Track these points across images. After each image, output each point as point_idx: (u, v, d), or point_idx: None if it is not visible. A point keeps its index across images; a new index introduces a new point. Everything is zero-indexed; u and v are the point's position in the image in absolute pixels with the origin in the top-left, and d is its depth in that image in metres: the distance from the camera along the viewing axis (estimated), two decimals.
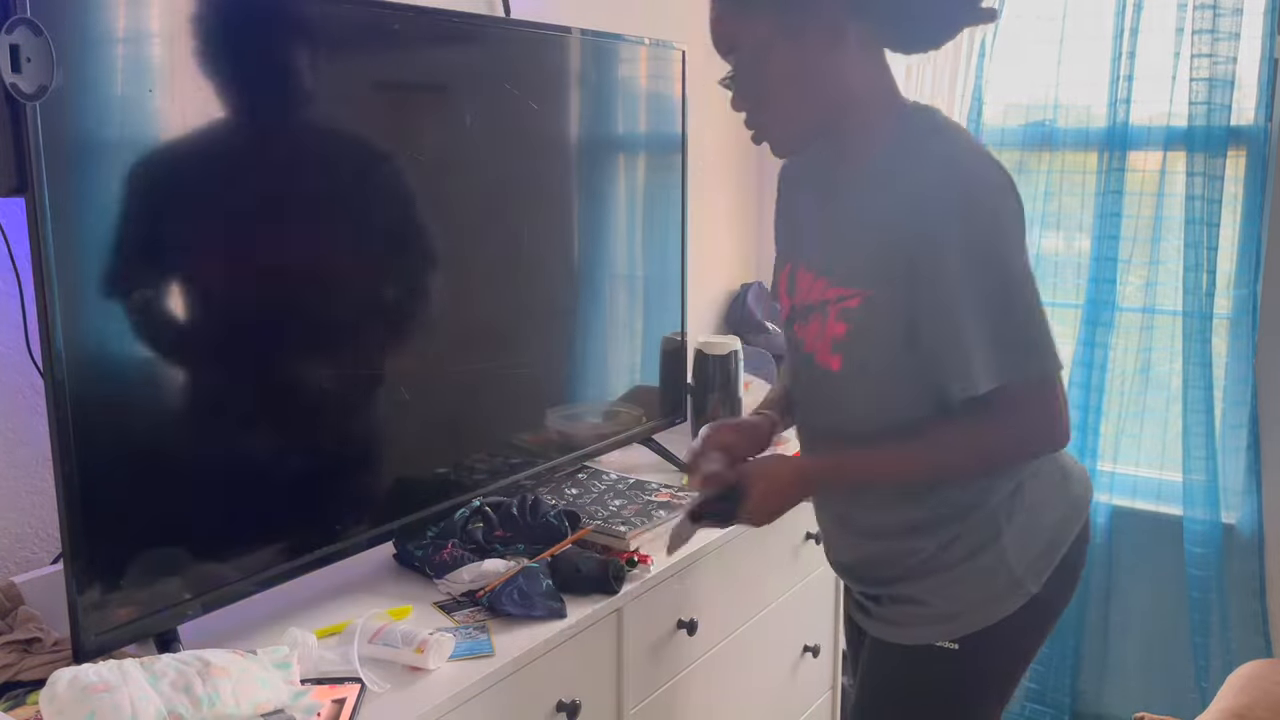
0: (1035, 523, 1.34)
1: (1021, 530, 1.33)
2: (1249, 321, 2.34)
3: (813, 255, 1.36)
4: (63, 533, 1.19)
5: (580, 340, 2.01)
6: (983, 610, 1.33)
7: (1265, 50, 2.26)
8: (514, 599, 1.49)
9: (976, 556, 1.32)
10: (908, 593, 1.37)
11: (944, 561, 1.33)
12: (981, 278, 1.20)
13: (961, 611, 1.33)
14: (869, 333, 1.27)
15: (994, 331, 1.21)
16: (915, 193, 1.22)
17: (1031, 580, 1.33)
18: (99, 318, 1.22)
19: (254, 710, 1.16)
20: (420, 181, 1.63)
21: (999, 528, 1.32)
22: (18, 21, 1.09)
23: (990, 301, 1.21)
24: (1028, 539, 1.33)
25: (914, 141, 1.26)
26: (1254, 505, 2.38)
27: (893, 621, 1.39)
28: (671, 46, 2.12)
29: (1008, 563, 1.32)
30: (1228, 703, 1.83)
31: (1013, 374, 1.22)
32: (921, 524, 1.34)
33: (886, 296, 1.25)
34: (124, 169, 1.23)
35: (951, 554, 1.33)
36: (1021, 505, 1.33)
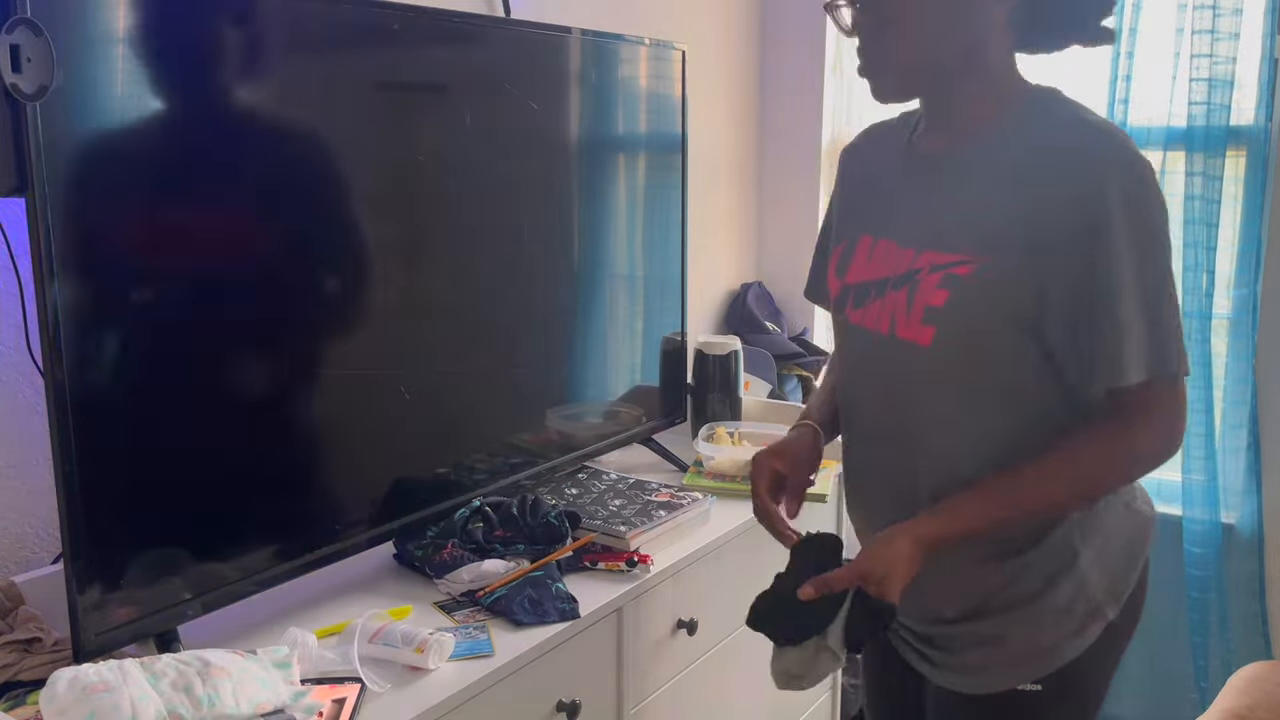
0: (1110, 544, 1.23)
1: (1099, 553, 1.21)
2: (1249, 321, 2.34)
3: (903, 226, 1.23)
4: (63, 533, 1.19)
5: (580, 340, 2.01)
6: (1065, 644, 1.21)
7: (1265, 50, 2.26)
8: (525, 607, 1.48)
9: (1055, 585, 1.20)
10: (982, 632, 1.23)
11: (1020, 594, 1.21)
12: (1143, 258, 1.10)
13: (1044, 648, 1.21)
14: (975, 304, 1.14)
15: (1150, 319, 1.10)
16: (1067, 165, 1.11)
17: (1111, 606, 1.22)
18: (99, 318, 1.22)
19: (254, 710, 1.16)
20: (420, 182, 1.63)
21: (1075, 551, 1.20)
22: (18, 21, 1.09)
23: (1150, 286, 1.10)
24: (1105, 562, 1.22)
25: (1049, 110, 1.17)
26: (1254, 505, 2.38)
27: (967, 670, 1.24)
28: (671, 46, 2.12)
29: (1088, 590, 1.20)
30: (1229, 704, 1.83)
31: (1164, 367, 1.11)
32: (989, 553, 1.21)
33: (1007, 266, 1.13)
34: (124, 169, 1.23)
35: (1027, 584, 1.20)
36: (1096, 525, 1.22)
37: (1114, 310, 1.10)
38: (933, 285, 1.17)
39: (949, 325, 1.16)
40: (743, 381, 2.33)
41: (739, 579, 1.87)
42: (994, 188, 1.16)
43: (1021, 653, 1.21)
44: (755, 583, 1.32)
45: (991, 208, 1.16)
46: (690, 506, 1.82)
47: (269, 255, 1.42)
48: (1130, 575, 1.24)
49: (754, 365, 2.53)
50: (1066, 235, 1.10)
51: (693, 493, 1.88)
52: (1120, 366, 1.11)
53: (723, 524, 1.85)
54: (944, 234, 1.18)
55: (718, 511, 1.89)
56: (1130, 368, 1.10)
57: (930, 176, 1.23)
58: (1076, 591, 1.20)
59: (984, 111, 1.19)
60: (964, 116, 1.21)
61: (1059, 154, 1.13)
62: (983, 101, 1.20)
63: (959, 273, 1.15)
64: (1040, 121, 1.16)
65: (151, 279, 1.28)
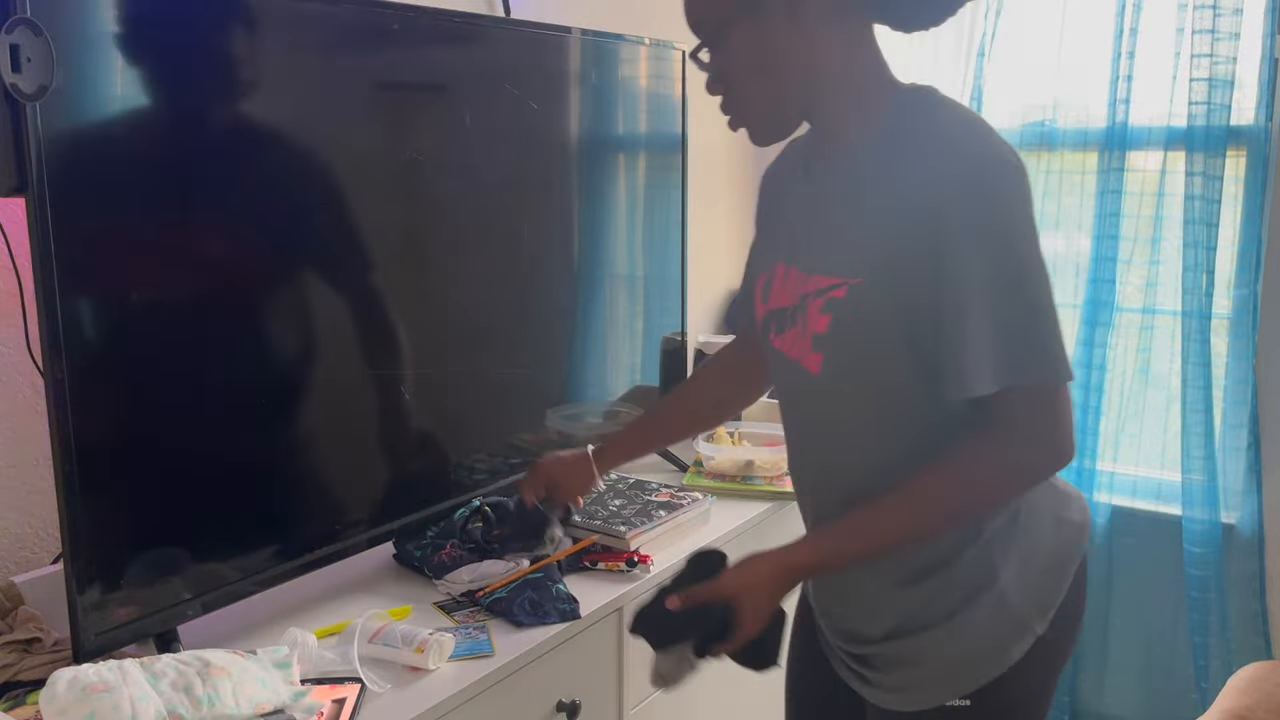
0: (1034, 557, 1.20)
1: (1020, 566, 1.19)
2: (1249, 321, 2.34)
3: (802, 251, 1.22)
4: (63, 533, 1.19)
5: (580, 340, 2.01)
6: (989, 661, 1.18)
7: (1265, 50, 2.26)
8: (526, 609, 1.48)
9: (973, 602, 1.18)
10: (903, 651, 1.22)
11: (937, 613, 1.19)
12: (987, 266, 1.06)
13: (966, 665, 1.19)
14: (855, 326, 1.13)
15: (998, 327, 1.06)
16: (913, 170, 1.09)
17: (1037, 620, 1.19)
18: (99, 318, 1.22)
19: (254, 710, 1.16)
20: (420, 182, 1.63)
21: (994, 566, 1.18)
22: (18, 21, 1.09)
23: (996, 293, 1.06)
24: (1028, 575, 1.19)
25: (910, 119, 1.14)
26: (1254, 505, 2.38)
27: (894, 688, 1.23)
28: (671, 46, 2.12)
29: (1009, 604, 1.18)
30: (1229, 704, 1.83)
31: (1016, 377, 1.07)
32: (904, 575, 1.20)
33: (877, 284, 1.11)
34: (124, 169, 1.23)
35: (943, 604, 1.19)
36: (1017, 538, 1.19)
37: (956, 321, 1.07)
38: (817, 311, 1.16)
39: (833, 351, 1.15)
40: None
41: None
42: (860, 208, 1.15)
43: (943, 670, 1.20)
44: None
45: (859, 228, 1.14)
46: (690, 506, 1.82)
47: (269, 255, 1.42)
48: (1058, 588, 1.21)
49: None
50: (915, 250, 1.08)
51: (693, 493, 1.88)
52: (963, 378, 1.07)
53: (723, 524, 1.85)
54: (826, 257, 1.17)
55: (718, 511, 1.89)
56: (978, 379, 1.07)
57: (817, 198, 1.22)
58: (997, 608, 1.18)
59: (855, 125, 1.17)
60: (839, 132, 1.19)
61: (906, 169, 1.11)
62: (852, 115, 1.17)
63: (837, 296, 1.14)
64: (901, 134, 1.13)
65: (151, 279, 1.28)
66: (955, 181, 1.07)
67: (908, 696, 1.22)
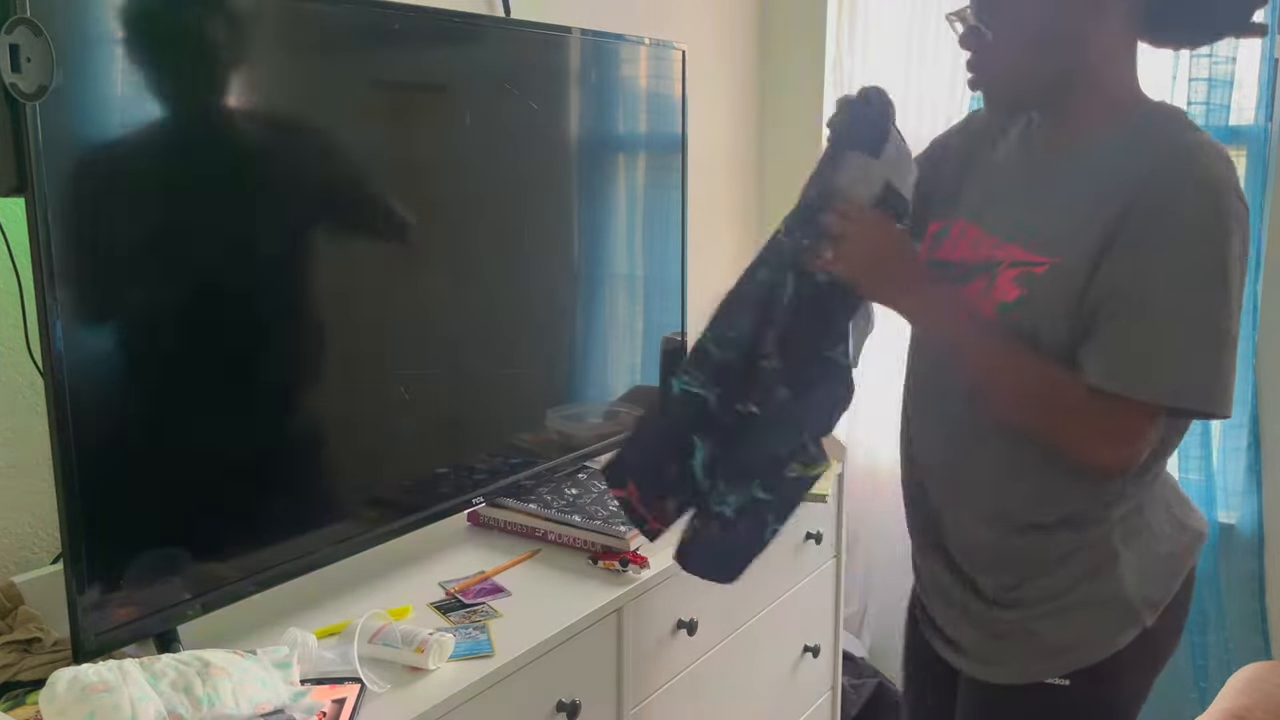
0: (1153, 552, 1.24)
1: (1139, 557, 1.23)
2: (1249, 321, 2.34)
3: (996, 216, 1.26)
4: (63, 533, 1.19)
5: (580, 340, 2.02)
6: (1097, 643, 1.23)
7: (1265, 50, 2.26)
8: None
9: (1091, 582, 1.23)
10: (1013, 622, 1.26)
11: (1054, 588, 1.24)
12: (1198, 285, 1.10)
13: (1075, 644, 1.23)
14: (1043, 304, 1.17)
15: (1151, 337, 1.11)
16: (1150, 175, 1.12)
17: (1147, 612, 1.23)
18: (99, 318, 1.22)
19: (254, 710, 1.16)
20: (420, 181, 1.63)
21: (1115, 552, 1.23)
22: (18, 21, 1.09)
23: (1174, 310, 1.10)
24: (1145, 568, 1.24)
25: (1158, 130, 1.18)
26: (1254, 505, 2.38)
27: (996, 659, 1.27)
28: (671, 46, 2.12)
29: (1124, 591, 1.22)
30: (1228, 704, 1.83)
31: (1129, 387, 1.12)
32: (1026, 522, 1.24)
33: (1078, 268, 1.15)
34: (124, 169, 1.23)
35: (1062, 579, 1.23)
36: (1141, 530, 1.24)
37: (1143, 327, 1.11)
38: (1009, 280, 1.20)
39: (1013, 319, 1.19)
40: None
41: (739, 579, 1.87)
42: (1086, 195, 1.18)
43: (1054, 645, 1.23)
44: (755, 583, 1.32)
45: (1079, 214, 1.17)
46: None
47: (269, 254, 1.42)
48: (1170, 585, 1.25)
49: None
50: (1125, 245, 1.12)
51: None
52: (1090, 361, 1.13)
53: None
54: (1031, 230, 1.21)
55: None
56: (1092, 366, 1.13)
57: (1033, 171, 1.26)
58: (1112, 593, 1.22)
59: (1094, 125, 1.21)
60: (1075, 128, 1.23)
61: (1142, 171, 1.14)
62: (1094, 116, 1.21)
63: (1035, 271, 1.18)
64: (1144, 141, 1.17)
65: (151, 279, 1.28)
66: (1189, 201, 1.10)
67: (1011, 669, 1.26)
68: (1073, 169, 1.21)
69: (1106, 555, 1.22)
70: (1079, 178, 1.20)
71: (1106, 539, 1.22)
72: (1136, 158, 1.15)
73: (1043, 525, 1.24)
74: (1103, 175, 1.17)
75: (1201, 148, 1.14)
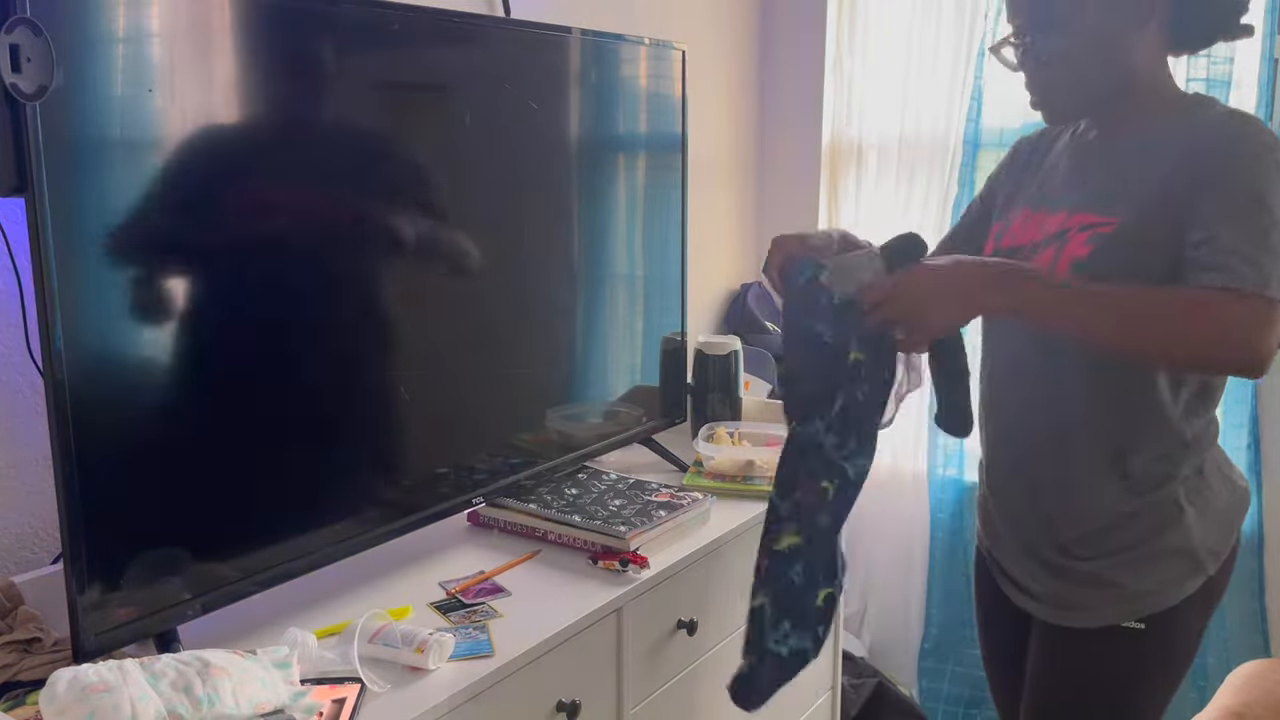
0: (1213, 506, 1.38)
1: (1202, 511, 1.37)
2: None
3: (1063, 194, 1.38)
4: (63, 533, 1.19)
5: (580, 340, 2.02)
6: (1168, 590, 1.35)
7: (1265, 50, 2.26)
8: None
9: (1163, 534, 1.35)
10: (1095, 571, 1.38)
11: (1130, 540, 1.36)
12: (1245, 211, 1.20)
13: (1149, 591, 1.35)
14: (1116, 255, 1.27)
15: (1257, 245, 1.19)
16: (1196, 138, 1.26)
17: (1211, 562, 1.37)
18: (99, 318, 1.22)
19: (254, 710, 1.16)
20: (420, 182, 1.63)
21: (1181, 508, 1.36)
22: (18, 21, 1.09)
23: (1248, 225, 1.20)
24: (1208, 522, 1.37)
25: (1201, 108, 1.33)
26: (1254, 505, 2.38)
27: (1075, 605, 1.40)
28: (671, 46, 2.12)
29: (1192, 542, 1.35)
30: (1227, 702, 1.83)
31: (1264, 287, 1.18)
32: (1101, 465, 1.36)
33: (1144, 224, 1.27)
34: (124, 169, 1.24)
35: (1136, 532, 1.36)
36: (1203, 488, 1.37)
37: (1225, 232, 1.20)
38: (1081, 241, 1.30)
39: (1088, 275, 1.28)
40: (743, 381, 2.33)
41: (739, 579, 1.87)
42: (1143, 163, 1.30)
43: (1130, 591, 1.35)
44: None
45: (1139, 178, 1.30)
46: (690, 506, 1.82)
47: (269, 255, 1.42)
48: (1229, 538, 1.40)
49: (754, 365, 2.53)
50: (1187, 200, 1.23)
51: (693, 493, 1.88)
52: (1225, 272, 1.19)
53: (723, 524, 1.85)
54: (1095, 199, 1.33)
55: (718, 511, 1.89)
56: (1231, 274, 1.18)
57: (1087, 156, 1.40)
58: (1182, 543, 1.35)
59: (1143, 121, 1.35)
60: (1129, 124, 1.36)
61: (1199, 132, 1.28)
62: (1142, 115, 1.35)
63: (1104, 230, 1.29)
64: (1192, 116, 1.32)
65: (151, 279, 1.28)
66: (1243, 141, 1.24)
67: (1089, 615, 1.38)
68: (1128, 146, 1.34)
69: (1174, 511, 1.35)
70: (1135, 152, 1.32)
71: (1174, 496, 1.35)
72: (1187, 131, 1.29)
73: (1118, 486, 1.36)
74: (1158, 147, 1.30)
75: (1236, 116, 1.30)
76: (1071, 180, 1.40)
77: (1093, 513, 1.39)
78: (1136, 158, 1.32)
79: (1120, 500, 1.37)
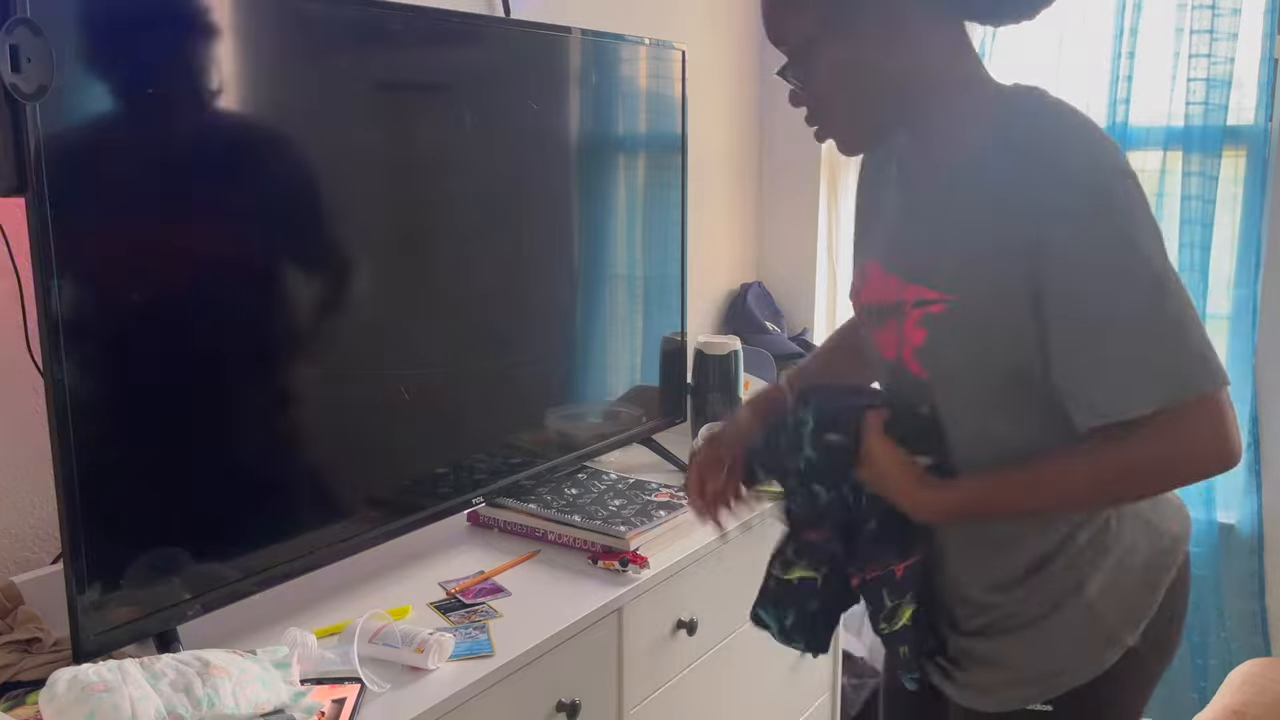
0: (1125, 566, 1.17)
1: (1111, 575, 1.16)
2: (1249, 321, 2.35)
3: (897, 255, 1.19)
4: (63, 533, 1.19)
5: (580, 340, 2.02)
6: (1074, 668, 1.17)
7: (1265, 50, 2.26)
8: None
9: (1060, 609, 1.16)
10: (987, 651, 1.21)
11: (1022, 618, 1.18)
12: (1119, 279, 1.01)
13: (1050, 671, 1.17)
14: (952, 344, 1.11)
15: (1146, 343, 1.01)
16: (1017, 188, 1.04)
17: (1127, 631, 1.17)
18: (99, 318, 1.22)
19: (254, 710, 1.16)
20: (420, 182, 1.63)
21: (1081, 576, 1.16)
22: (18, 21, 1.09)
23: (1137, 307, 1.01)
24: (1118, 585, 1.17)
25: (1014, 124, 1.08)
26: (1254, 505, 2.38)
27: (978, 687, 1.22)
28: (671, 46, 2.12)
29: (1097, 613, 1.16)
30: (1226, 701, 1.83)
31: (1175, 393, 1.00)
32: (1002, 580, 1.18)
33: (976, 305, 1.08)
34: (124, 169, 1.23)
35: (1030, 609, 1.17)
36: (1108, 548, 1.17)
37: (1092, 344, 1.03)
38: (914, 323, 1.13)
39: (933, 365, 1.13)
40: (743, 381, 2.33)
41: (739, 579, 1.87)
42: (959, 224, 1.11)
43: (1027, 675, 1.19)
44: (755, 582, 1.32)
45: (957, 244, 1.10)
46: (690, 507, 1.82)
47: (269, 255, 1.42)
48: (1150, 600, 1.18)
49: (754, 365, 2.53)
50: (1018, 274, 1.04)
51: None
52: (1109, 404, 1.02)
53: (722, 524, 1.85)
54: (923, 267, 1.14)
55: None
56: (1122, 403, 1.02)
57: (914, 204, 1.19)
58: (1084, 615, 1.17)
59: (956, 129, 1.13)
60: (937, 132, 1.15)
61: (1008, 186, 1.06)
62: (953, 119, 1.13)
63: (934, 311, 1.11)
64: (1003, 146, 1.08)
65: (151, 279, 1.28)
66: (1061, 192, 1.02)
67: (992, 697, 1.21)
68: (944, 192, 1.14)
69: (1076, 577, 1.16)
70: (951, 202, 1.12)
71: (1075, 562, 1.16)
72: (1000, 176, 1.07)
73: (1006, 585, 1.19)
74: (971, 196, 1.10)
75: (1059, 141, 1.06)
76: (898, 232, 1.20)
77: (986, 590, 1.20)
78: (954, 213, 1.11)
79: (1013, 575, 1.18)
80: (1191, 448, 1.04)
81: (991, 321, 1.08)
